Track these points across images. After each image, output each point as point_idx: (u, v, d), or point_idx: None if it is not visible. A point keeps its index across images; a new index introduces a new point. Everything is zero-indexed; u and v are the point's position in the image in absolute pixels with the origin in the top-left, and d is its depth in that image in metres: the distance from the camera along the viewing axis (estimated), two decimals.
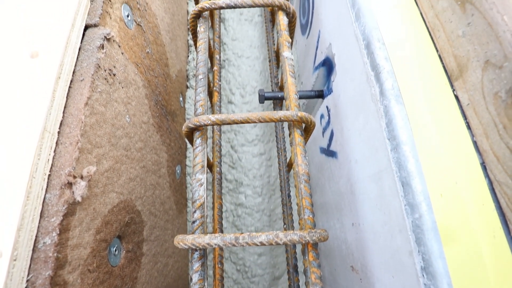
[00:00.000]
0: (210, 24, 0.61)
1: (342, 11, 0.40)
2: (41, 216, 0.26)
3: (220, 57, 0.64)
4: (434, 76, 0.31)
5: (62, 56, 0.31)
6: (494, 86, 0.26)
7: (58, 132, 0.30)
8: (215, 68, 0.63)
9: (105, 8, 0.37)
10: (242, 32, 0.83)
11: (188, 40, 0.80)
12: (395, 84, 0.29)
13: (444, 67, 0.32)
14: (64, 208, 0.27)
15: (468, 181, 0.27)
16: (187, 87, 0.77)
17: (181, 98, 0.70)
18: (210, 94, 0.61)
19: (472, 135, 0.29)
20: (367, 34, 0.33)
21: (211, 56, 0.64)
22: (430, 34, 0.34)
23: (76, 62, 0.33)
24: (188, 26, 0.59)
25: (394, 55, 0.31)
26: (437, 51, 0.33)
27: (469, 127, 0.29)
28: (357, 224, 0.39)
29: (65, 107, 0.31)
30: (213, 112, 0.60)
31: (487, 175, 0.27)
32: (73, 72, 0.32)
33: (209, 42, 0.48)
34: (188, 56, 0.80)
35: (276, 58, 0.66)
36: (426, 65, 0.32)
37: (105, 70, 0.34)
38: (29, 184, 0.25)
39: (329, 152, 0.50)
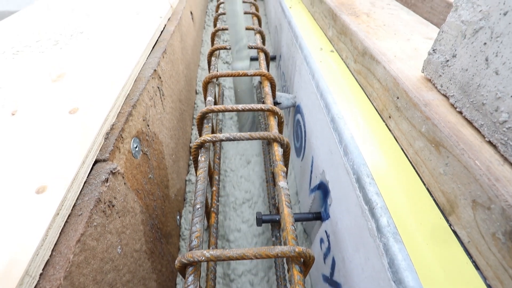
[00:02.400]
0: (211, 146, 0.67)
1: (331, 145, 0.45)
2: None
3: (219, 177, 0.67)
4: (428, 210, 0.32)
5: (67, 191, 0.32)
6: (489, 227, 0.26)
7: (41, 274, 0.28)
8: (213, 188, 0.65)
9: (116, 144, 0.41)
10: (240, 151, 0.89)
11: (189, 159, 0.85)
12: (391, 220, 0.30)
13: (435, 200, 0.33)
14: None
15: None
16: (184, 202, 0.77)
17: (178, 217, 0.69)
18: (208, 214, 0.60)
19: (484, 278, 0.27)
20: (356, 169, 0.35)
21: (210, 176, 0.67)
22: (415, 169, 0.36)
23: (78, 196, 0.34)
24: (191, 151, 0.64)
25: (385, 190, 0.33)
26: (424, 184, 0.35)
27: (477, 267, 0.27)
28: None
29: (55, 244, 0.30)
30: (209, 234, 0.58)
31: None
32: (73, 206, 0.33)
33: (209, 162, 0.51)
34: (188, 172, 0.84)
35: (273, 179, 0.69)
36: (418, 199, 0.33)
37: (104, 203, 0.35)
38: None
39: (333, 283, 0.46)
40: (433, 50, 0.38)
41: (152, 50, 0.62)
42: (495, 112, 0.29)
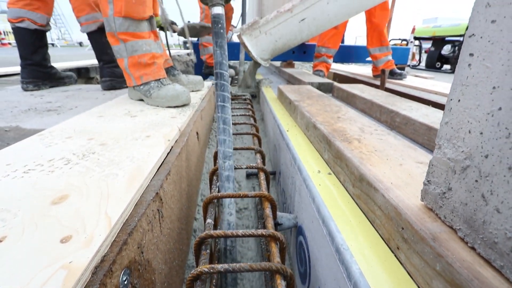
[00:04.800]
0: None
1: (339, 279, 0.41)
2: None
3: None
4: None
5: None
6: None
7: None
8: None
9: (104, 280, 0.37)
10: None
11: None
12: None
13: None
14: None
15: None
16: None
17: None
18: None
19: None
20: None
21: None
22: None
23: None
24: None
25: None
26: None
27: None
28: None
29: None
30: None
31: None
32: None
33: None
34: None
35: None
36: None
37: None
38: None
39: None
40: (428, 181, 0.40)
41: (157, 172, 0.65)
42: (511, 253, 0.27)
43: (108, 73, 1.67)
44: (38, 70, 1.66)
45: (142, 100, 1.25)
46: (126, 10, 1.05)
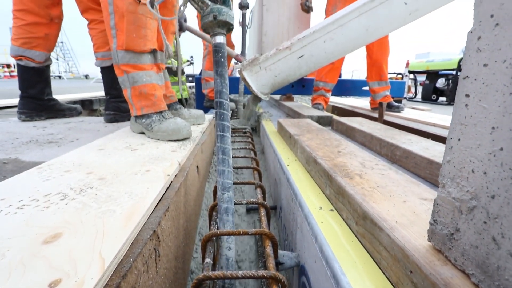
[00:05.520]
0: None
1: None
2: None
3: None
4: None
5: None
6: None
7: None
8: None
9: None
10: None
11: None
12: None
13: None
14: None
15: None
16: None
17: None
18: None
19: None
20: None
21: None
22: None
23: None
24: None
25: None
26: None
27: None
28: None
29: None
30: None
31: None
32: None
33: None
34: None
35: None
36: None
37: None
38: None
39: None
40: (434, 220, 0.38)
41: (155, 208, 0.63)
42: None
43: (113, 107, 1.70)
44: (33, 102, 1.72)
45: (143, 133, 1.26)
46: (127, 44, 1.11)
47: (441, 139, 1.49)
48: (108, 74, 1.65)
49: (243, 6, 2.58)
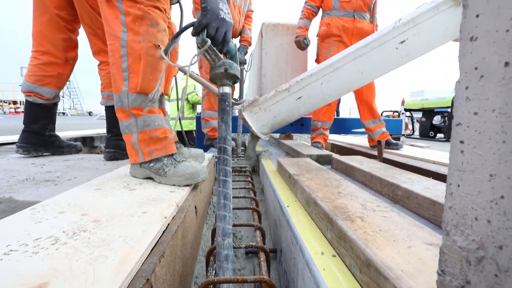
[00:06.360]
0: None
1: None
2: None
3: None
4: None
5: None
6: None
7: None
8: None
9: None
10: None
11: None
12: None
13: None
14: None
15: None
16: None
17: None
18: None
19: None
20: None
21: None
22: None
23: None
24: None
25: None
26: None
27: None
28: None
29: None
30: None
31: None
32: None
33: None
34: None
35: None
36: None
37: None
38: None
39: None
40: (442, 271, 0.36)
41: (150, 252, 0.61)
42: None
43: (114, 145, 1.72)
44: (33, 137, 1.73)
45: (150, 178, 1.16)
46: (141, 86, 1.08)
47: (442, 177, 1.48)
48: (112, 113, 1.69)
49: (241, 63, 2.82)
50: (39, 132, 1.74)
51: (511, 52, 0.27)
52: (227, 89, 0.89)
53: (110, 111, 1.71)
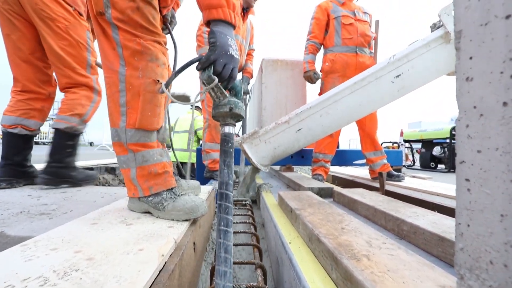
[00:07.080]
0: None
1: None
2: None
3: None
4: None
5: None
6: None
7: None
8: None
9: None
10: None
11: None
12: None
13: None
14: None
15: None
16: None
17: None
18: None
19: None
20: None
21: None
22: None
23: None
24: None
25: None
26: None
27: None
28: None
29: None
30: None
31: None
32: None
33: None
34: None
35: None
36: None
37: None
38: None
39: None
40: None
41: None
42: None
43: (50, 172, 1.75)
44: (15, 169, 1.78)
45: (148, 212, 1.13)
46: (140, 123, 1.06)
47: (447, 210, 1.44)
48: (60, 137, 1.75)
49: (244, 92, 2.84)
50: (21, 164, 1.81)
51: (508, 93, 0.28)
52: (230, 129, 0.84)
53: (59, 134, 1.78)
